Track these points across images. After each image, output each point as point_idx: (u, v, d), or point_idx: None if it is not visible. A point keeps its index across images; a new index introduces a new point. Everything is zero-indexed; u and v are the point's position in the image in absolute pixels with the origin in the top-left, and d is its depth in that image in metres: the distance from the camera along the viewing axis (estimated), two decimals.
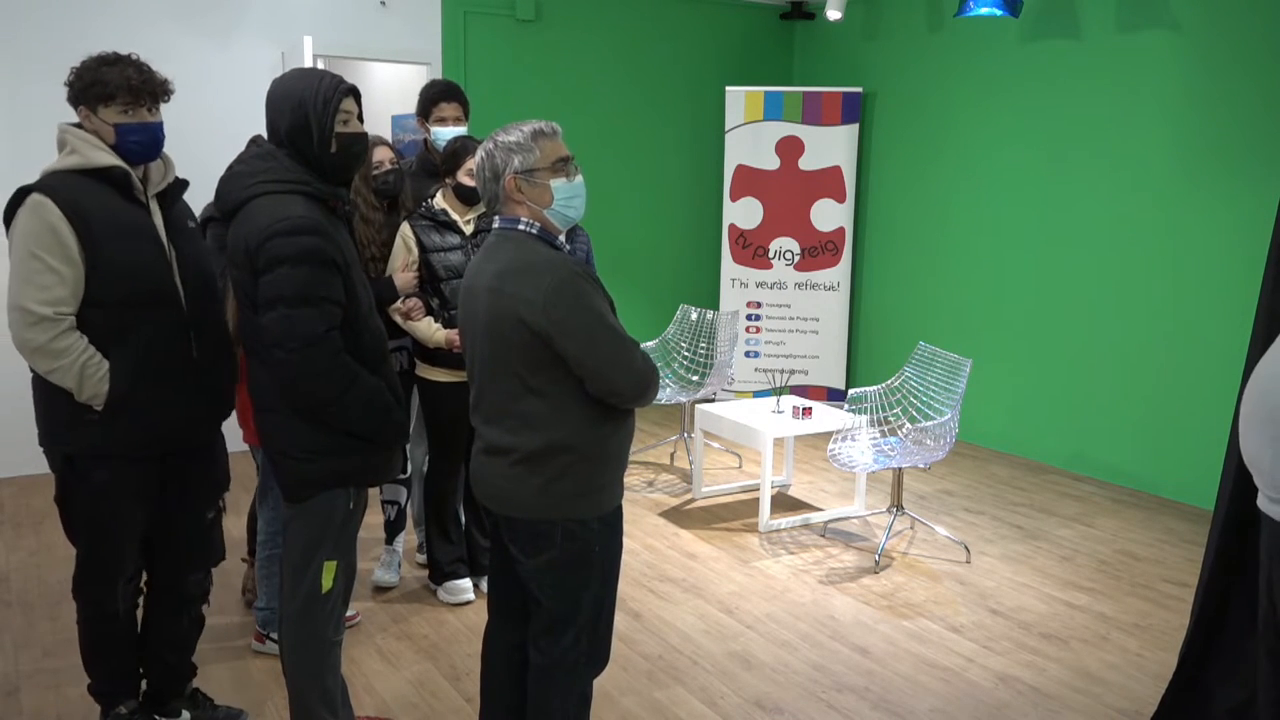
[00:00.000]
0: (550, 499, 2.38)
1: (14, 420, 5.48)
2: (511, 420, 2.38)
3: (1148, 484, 5.74)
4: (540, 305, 2.26)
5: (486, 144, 2.40)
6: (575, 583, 2.45)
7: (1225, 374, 5.22)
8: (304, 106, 2.55)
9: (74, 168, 2.65)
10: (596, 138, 7.24)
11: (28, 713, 3.28)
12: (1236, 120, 5.23)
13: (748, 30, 7.89)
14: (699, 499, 5.57)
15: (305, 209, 2.52)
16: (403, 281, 3.82)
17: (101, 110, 2.67)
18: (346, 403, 2.54)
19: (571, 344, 2.28)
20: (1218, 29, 5.28)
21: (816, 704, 3.43)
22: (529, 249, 2.36)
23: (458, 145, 3.89)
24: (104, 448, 2.73)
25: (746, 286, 7.54)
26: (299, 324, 2.46)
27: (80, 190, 2.63)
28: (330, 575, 2.69)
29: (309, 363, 2.48)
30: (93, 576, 2.90)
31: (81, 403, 2.67)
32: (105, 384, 2.65)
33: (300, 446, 2.60)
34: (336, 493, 2.66)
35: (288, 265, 2.45)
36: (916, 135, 7.07)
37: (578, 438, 2.36)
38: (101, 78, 2.65)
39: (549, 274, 2.29)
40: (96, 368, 2.65)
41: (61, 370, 2.62)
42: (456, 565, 4.14)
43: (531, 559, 2.44)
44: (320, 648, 2.73)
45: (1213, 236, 5.37)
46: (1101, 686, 3.57)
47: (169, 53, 5.86)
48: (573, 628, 2.47)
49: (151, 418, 2.74)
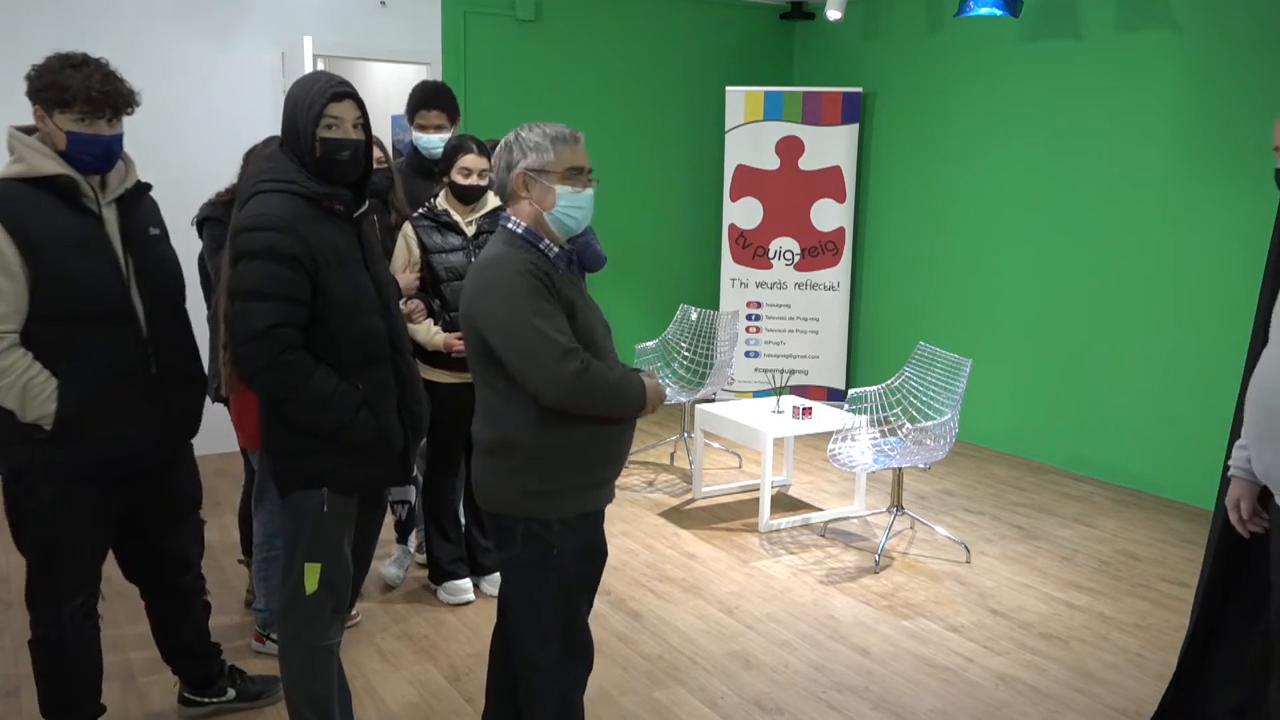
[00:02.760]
0: (508, 494, 2.43)
1: None
2: (480, 413, 2.49)
3: (1148, 484, 5.74)
4: (474, 299, 2.37)
5: (509, 135, 2.45)
6: (534, 582, 2.46)
7: (1225, 374, 5.22)
8: (295, 109, 2.56)
9: (18, 175, 2.52)
10: (597, 138, 7.17)
11: (28, 713, 3.28)
12: (1236, 120, 5.22)
13: (748, 30, 7.89)
14: (699, 499, 5.57)
15: (280, 206, 2.49)
16: (404, 283, 3.81)
17: (57, 115, 2.53)
18: (297, 401, 2.49)
19: (495, 340, 2.34)
20: (1218, 29, 5.28)
21: (816, 704, 3.43)
22: (500, 246, 2.42)
23: (453, 145, 3.90)
24: (54, 467, 2.59)
25: (746, 286, 7.54)
26: (247, 318, 2.47)
27: (22, 199, 2.49)
28: (313, 578, 2.62)
29: (251, 357, 2.48)
30: (38, 595, 2.76)
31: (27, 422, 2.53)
32: (52, 403, 2.52)
33: (279, 444, 2.61)
34: (309, 493, 2.61)
35: (245, 260, 2.48)
36: (916, 135, 7.07)
37: (524, 435, 2.38)
38: (61, 81, 2.51)
39: (493, 270, 2.36)
40: (41, 387, 2.51)
41: (3, 390, 2.48)
42: (456, 565, 4.14)
43: (500, 553, 2.51)
44: (304, 650, 2.69)
45: (1212, 236, 5.37)
46: (1101, 686, 3.57)
47: (169, 52, 5.87)
48: (538, 627, 2.47)
49: (106, 437, 2.62)
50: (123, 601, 4.08)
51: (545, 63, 7.09)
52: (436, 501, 4.10)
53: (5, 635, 3.83)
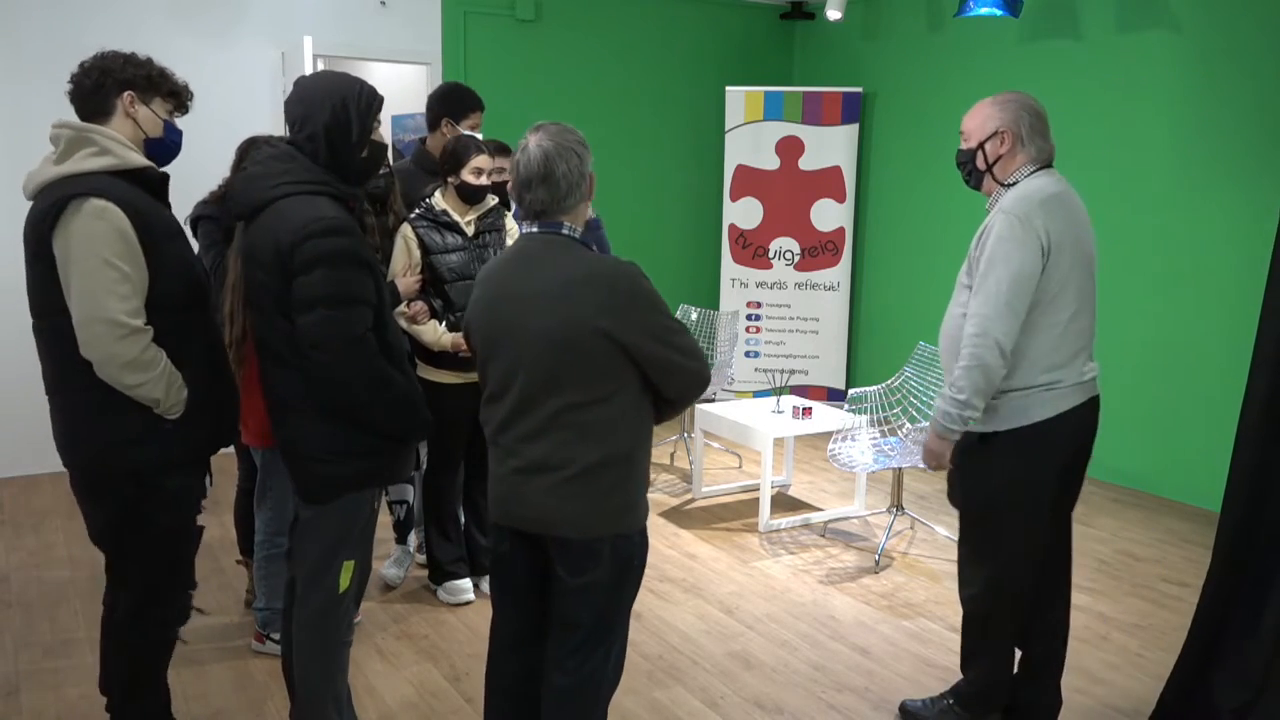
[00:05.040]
0: (603, 514, 2.31)
1: (14, 420, 5.49)
2: (568, 433, 2.28)
3: (1148, 484, 5.74)
4: (620, 313, 2.22)
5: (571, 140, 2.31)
6: (617, 598, 2.39)
7: (1226, 374, 5.22)
8: (348, 106, 2.54)
9: (110, 169, 2.49)
10: (597, 138, 7.15)
11: (28, 713, 3.28)
12: (1236, 120, 5.22)
13: (748, 30, 7.89)
14: (699, 499, 5.57)
15: (335, 209, 2.52)
16: (405, 286, 3.80)
17: (155, 101, 2.59)
18: (382, 402, 2.55)
19: (650, 346, 2.26)
20: (1218, 29, 5.28)
21: (816, 704, 3.43)
22: (585, 255, 2.31)
23: (460, 145, 3.86)
24: (174, 457, 2.61)
25: (746, 286, 7.54)
26: (340, 325, 2.46)
27: (128, 191, 2.49)
28: (348, 575, 2.68)
29: (350, 364, 2.48)
30: (167, 596, 2.76)
31: (157, 413, 2.54)
32: (185, 390, 2.56)
33: (329, 449, 2.58)
34: (363, 493, 2.66)
35: (326, 266, 2.44)
36: (916, 135, 7.07)
37: (636, 447, 2.34)
38: (167, 74, 2.62)
39: (626, 280, 2.25)
40: (175, 375, 2.54)
41: (151, 382, 2.48)
42: (456, 565, 4.14)
43: (578, 578, 2.33)
44: (335, 649, 2.73)
45: (1212, 235, 5.36)
46: (1101, 686, 3.57)
47: (169, 53, 5.80)
48: (604, 645, 2.40)
49: (217, 419, 2.71)
50: None
51: (545, 63, 7.09)
52: (436, 502, 4.10)
53: (5, 635, 3.83)
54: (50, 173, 2.48)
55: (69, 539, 4.77)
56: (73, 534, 4.82)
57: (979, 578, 3.03)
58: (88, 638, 3.79)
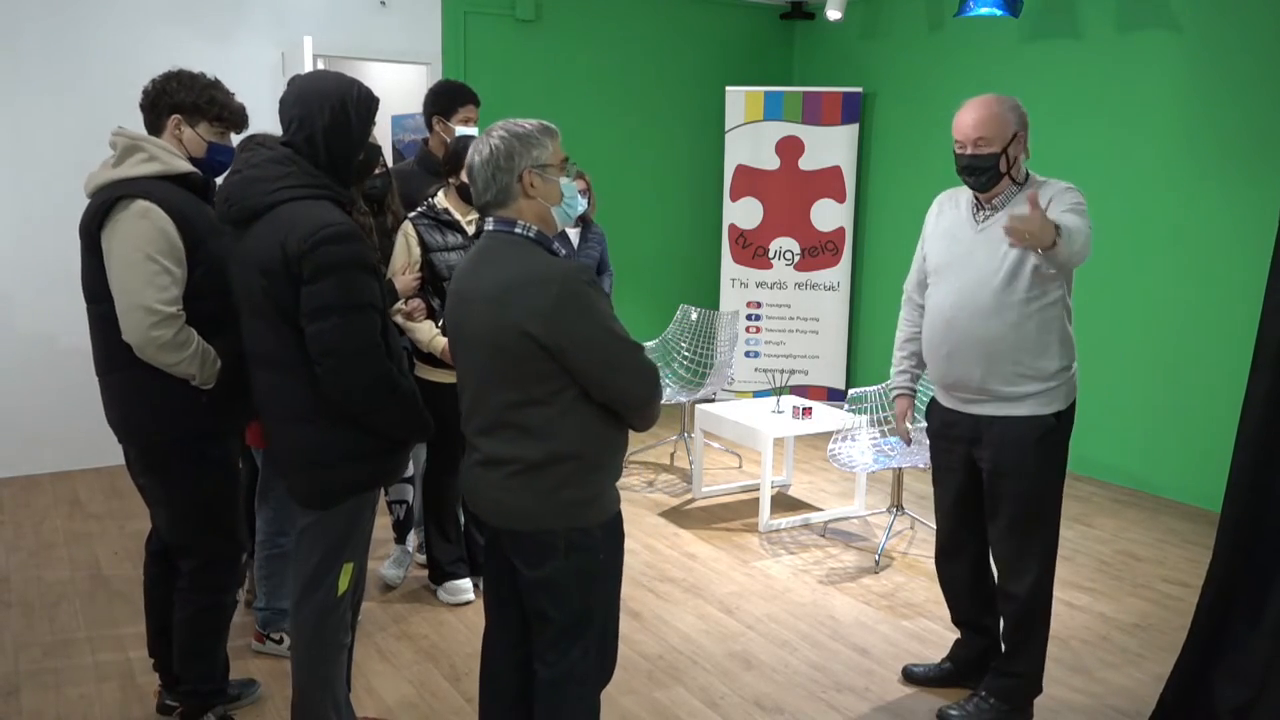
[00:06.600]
0: (552, 508, 2.30)
1: (15, 420, 5.48)
2: (511, 431, 2.30)
3: (1148, 484, 5.74)
4: (548, 317, 2.18)
5: (496, 135, 2.28)
6: (582, 593, 2.38)
7: (1226, 373, 5.22)
8: (347, 108, 2.54)
9: (157, 174, 2.79)
10: (596, 138, 7.24)
11: (28, 713, 3.28)
12: (1237, 120, 5.23)
13: (748, 30, 7.89)
14: (699, 499, 5.57)
15: (340, 215, 2.52)
16: (404, 284, 3.80)
17: (202, 125, 2.89)
18: (392, 405, 2.56)
19: (581, 355, 2.21)
20: (1218, 29, 5.28)
21: (816, 704, 3.43)
22: (530, 256, 2.26)
23: (461, 145, 3.86)
24: (213, 428, 2.89)
25: (746, 286, 7.54)
26: (354, 332, 2.46)
27: (175, 194, 2.78)
28: (347, 577, 2.69)
29: (363, 370, 2.48)
30: (224, 559, 3.01)
31: (195, 386, 2.80)
32: (219, 363, 2.81)
33: (334, 454, 2.57)
34: (365, 496, 2.67)
35: (338, 273, 2.43)
36: (916, 135, 7.07)
37: (584, 445, 2.30)
38: (219, 98, 2.90)
39: (556, 284, 2.19)
40: (210, 350, 2.80)
41: (188, 360, 2.75)
42: (456, 565, 4.14)
43: (535, 570, 2.35)
44: (334, 651, 2.73)
45: (1213, 235, 5.36)
46: (1101, 686, 3.57)
47: (169, 53, 5.84)
48: (581, 639, 2.40)
49: (240, 398, 2.87)
50: (123, 601, 4.08)
51: (545, 63, 7.09)
52: (436, 502, 4.10)
53: (5, 635, 3.83)
54: (105, 176, 2.79)
55: (69, 539, 4.77)
56: (73, 534, 4.82)
57: (1034, 566, 3.13)
58: (88, 638, 3.79)
